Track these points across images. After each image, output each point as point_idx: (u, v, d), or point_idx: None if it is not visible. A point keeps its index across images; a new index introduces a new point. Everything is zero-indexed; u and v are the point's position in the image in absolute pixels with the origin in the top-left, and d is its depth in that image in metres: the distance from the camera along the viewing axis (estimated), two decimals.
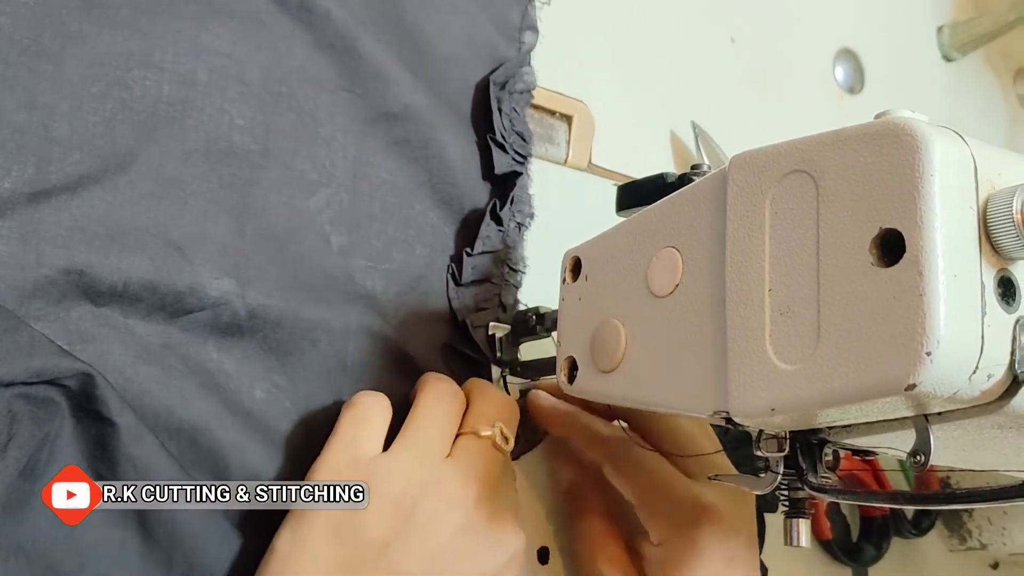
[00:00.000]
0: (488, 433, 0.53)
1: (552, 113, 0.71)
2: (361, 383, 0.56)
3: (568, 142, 0.72)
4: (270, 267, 0.55)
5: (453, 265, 0.62)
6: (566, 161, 0.71)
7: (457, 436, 0.53)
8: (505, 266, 0.63)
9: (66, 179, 0.49)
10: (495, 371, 0.62)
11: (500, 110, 0.64)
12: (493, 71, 0.66)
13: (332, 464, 0.50)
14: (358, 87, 0.60)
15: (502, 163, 0.64)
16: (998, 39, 1.02)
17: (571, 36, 0.74)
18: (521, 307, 0.64)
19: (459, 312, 0.61)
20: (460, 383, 0.57)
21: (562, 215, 0.68)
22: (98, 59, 0.51)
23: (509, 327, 0.62)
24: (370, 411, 0.52)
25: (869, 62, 0.94)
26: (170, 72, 0.53)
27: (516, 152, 0.65)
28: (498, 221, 0.63)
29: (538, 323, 0.59)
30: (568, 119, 0.72)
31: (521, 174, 0.65)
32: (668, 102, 0.79)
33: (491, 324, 0.62)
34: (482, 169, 0.65)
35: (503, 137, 0.64)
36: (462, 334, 0.61)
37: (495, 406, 0.55)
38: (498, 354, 0.62)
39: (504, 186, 0.65)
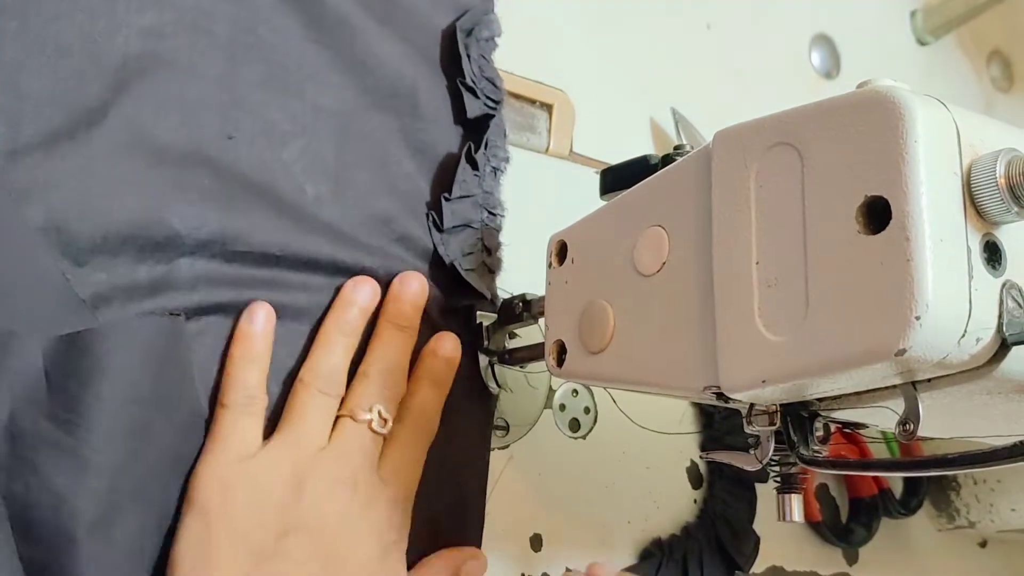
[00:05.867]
0: (366, 418, 0.54)
1: (532, 102, 0.71)
2: None
3: (549, 131, 0.72)
4: (251, 213, 0.55)
5: (432, 212, 0.62)
6: (547, 150, 0.71)
7: (338, 417, 0.54)
8: (484, 211, 0.63)
9: (38, 136, 0.48)
10: (482, 359, 0.62)
11: (469, 56, 0.64)
12: (458, 18, 0.66)
13: (215, 465, 0.50)
14: (325, 37, 0.60)
15: (474, 107, 0.64)
16: (970, 22, 1.02)
17: (549, 24, 0.74)
18: (505, 295, 0.64)
19: (445, 256, 0.61)
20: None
21: (545, 203, 0.68)
22: (63, 13, 0.50)
23: (495, 315, 0.62)
24: (247, 403, 0.52)
25: (845, 47, 0.94)
26: (136, 26, 0.53)
27: (488, 97, 0.64)
28: (473, 165, 0.63)
29: (524, 310, 0.59)
30: (548, 108, 0.72)
31: (494, 116, 0.65)
32: (647, 89, 0.79)
33: (478, 313, 0.62)
34: (454, 114, 0.65)
35: (473, 82, 0.64)
36: (450, 278, 0.61)
37: (377, 385, 0.55)
38: (485, 343, 0.62)
39: (477, 131, 0.65)
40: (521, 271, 0.65)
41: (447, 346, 0.59)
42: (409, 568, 0.55)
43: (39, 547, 0.44)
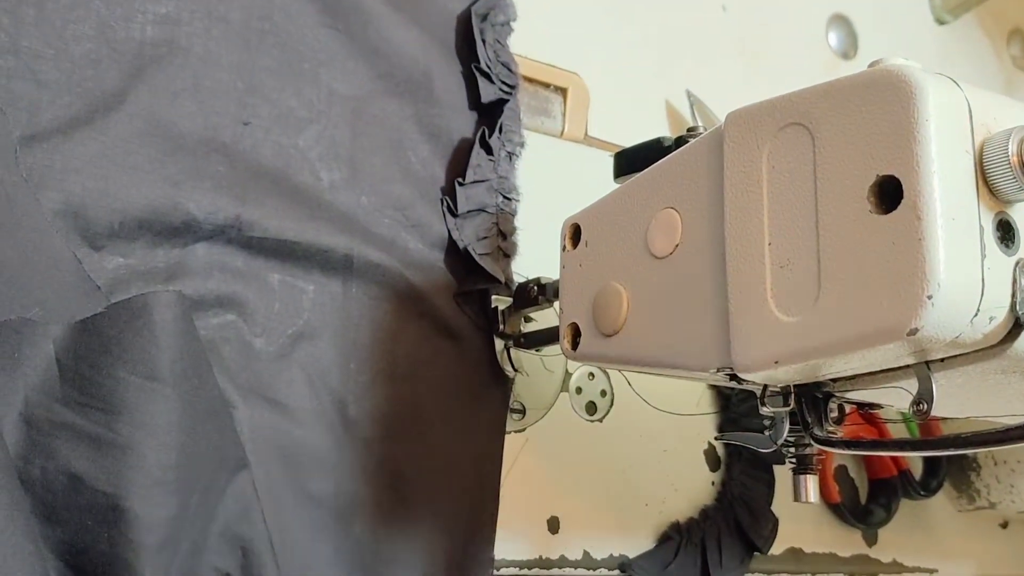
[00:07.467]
0: None
1: (547, 86, 0.71)
2: (364, 307, 0.57)
3: (564, 115, 0.72)
4: (266, 199, 0.55)
5: (447, 198, 0.62)
6: (562, 134, 0.71)
7: None
8: (499, 195, 0.63)
9: (57, 122, 0.49)
10: (498, 343, 0.62)
11: (484, 41, 0.64)
12: (473, 3, 0.66)
13: None
14: (339, 23, 0.60)
15: (488, 92, 0.64)
16: (989, 1, 1.01)
17: (563, 7, 0.73)
18: (521, 279, 0.64)
19: (459, 241, 0.61)
20: (464, 320, 0.60)
21: (560, 187, 0.68)
22: (80, 1, 0.51)
23: (511, 299, 0.62)
24: None
25: (862, 27, 0.94)
26: (152, 13, 0.53)
27: (503, 82, 0.65)
28: (488, 150, 0.63)
29: (540, 293, 0.59)
30: (563, 92, 0.72)
31: (508, 101, 0.65)
32: (662, 72, 0.79)
33: (493, 297, 0.62)
34: (468, 100, 0.65)
35: (488, 67, 0.64)
36: (465, 263, 0.61)
37: None
38: (501, 327, 0.62)
39: (492, 116, 0.65)
40: (536, 255, 0.65)
41: None
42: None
43: (64, 528, 0.45)
